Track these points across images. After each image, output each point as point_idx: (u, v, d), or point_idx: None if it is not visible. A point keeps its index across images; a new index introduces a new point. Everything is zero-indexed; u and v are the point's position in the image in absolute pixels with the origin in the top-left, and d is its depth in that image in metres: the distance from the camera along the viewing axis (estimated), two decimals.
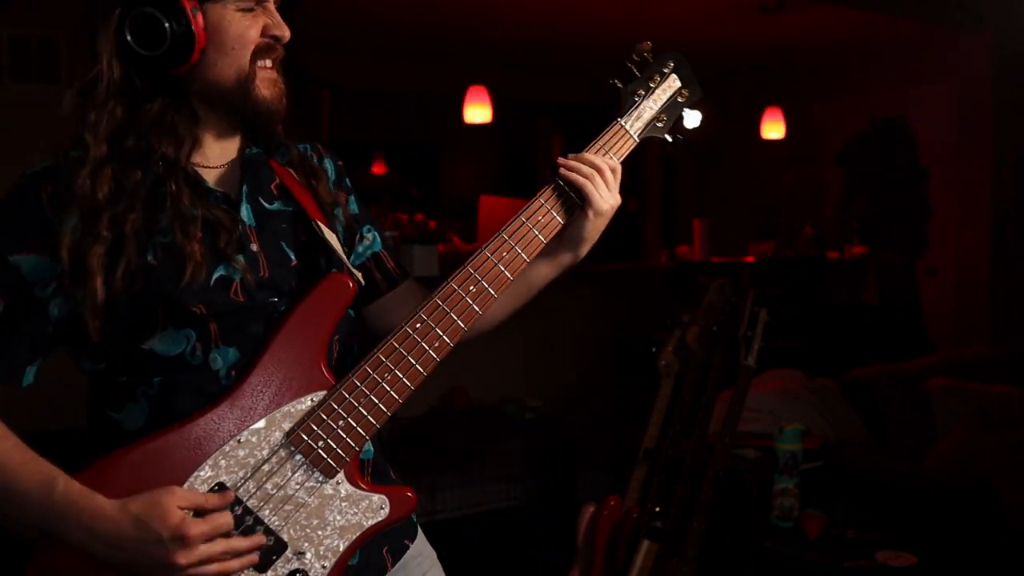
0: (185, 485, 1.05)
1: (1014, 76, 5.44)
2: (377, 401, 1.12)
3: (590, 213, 1.27)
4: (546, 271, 1.35)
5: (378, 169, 8.24)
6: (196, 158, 1.16)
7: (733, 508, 2.66)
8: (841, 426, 3.47)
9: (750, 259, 5.98)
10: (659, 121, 1.37)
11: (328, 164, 1.32)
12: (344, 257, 1.20)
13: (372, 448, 1.26)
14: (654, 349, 2.63)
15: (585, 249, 1.33)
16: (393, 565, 1.27)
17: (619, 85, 1.37)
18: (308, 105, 5.79)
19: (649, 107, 1.35)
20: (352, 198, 1.34)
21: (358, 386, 1.11)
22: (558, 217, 1.26)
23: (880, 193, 6.40)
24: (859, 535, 2.59)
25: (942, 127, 6.10)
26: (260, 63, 1.14)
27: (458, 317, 1.16)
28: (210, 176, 1.17)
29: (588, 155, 1.29)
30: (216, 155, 1.19)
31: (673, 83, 1.38)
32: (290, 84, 1.20)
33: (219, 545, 1.03)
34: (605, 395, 4.64)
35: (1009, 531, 2.85)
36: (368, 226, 1.36)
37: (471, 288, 1.18)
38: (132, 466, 1.05)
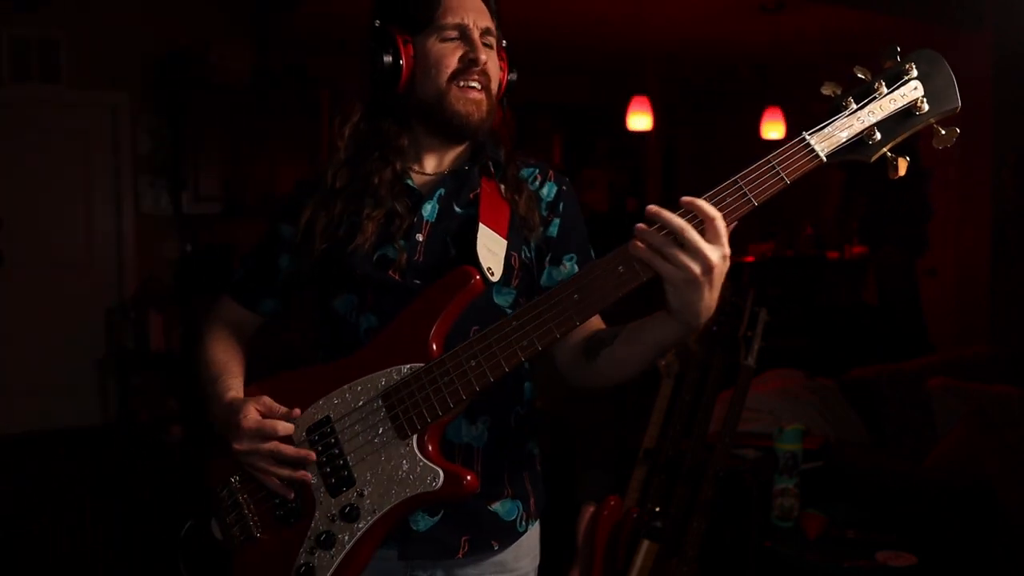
0: (306, 411, 1.29)
1: (1014, 76, 5.44)
2: (457, 382, 1.22)
3: (665, 283, 1.12)
4: (656, 334, 1.22)
5: None
6: (413, 165, 1.42)
7: (733, 508, 2.66)
8: (841, 426, 3.47)
9: (750, 259, 5.98)
10: (871, 138, 1.12)
11: (549, 187, 1.45)
12: (487, 256, 1.32)
13: (483, 438, 1.36)
14: None
15: (690, 319, 1.14)
16: (465, 555, 1.35)
17: (829, 94, 1.16)
18: (308, 105, 5.79)
19: (860, 120, 1.12)
20: (558, 221, 1.43)
21: (445, 365, 1.23)
22: (634, 277, 1.15)
23: (880, 193, 6.41)
24: (859, 535, 2.59)
25: None
26: (457, 84, 1.35)
27: (552, 322, 1.18)
28: (420, 180, 1.41)
29: (664, 219, 1.09)
30: (432, 165, 1.43)
31: (911, 91, 1.12)
32: (509, 114, 1.48)
33: (267, 444, 1.25)
34: (605, 395, 4.64)
35: (1009, 531, 2.85)
36: (572, 255, 1.43)
37: (574, 296, 1.17)
38: (280, 386, 1.34)
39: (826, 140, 1.12)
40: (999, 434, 3.27)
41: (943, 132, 1.13)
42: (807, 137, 1.13)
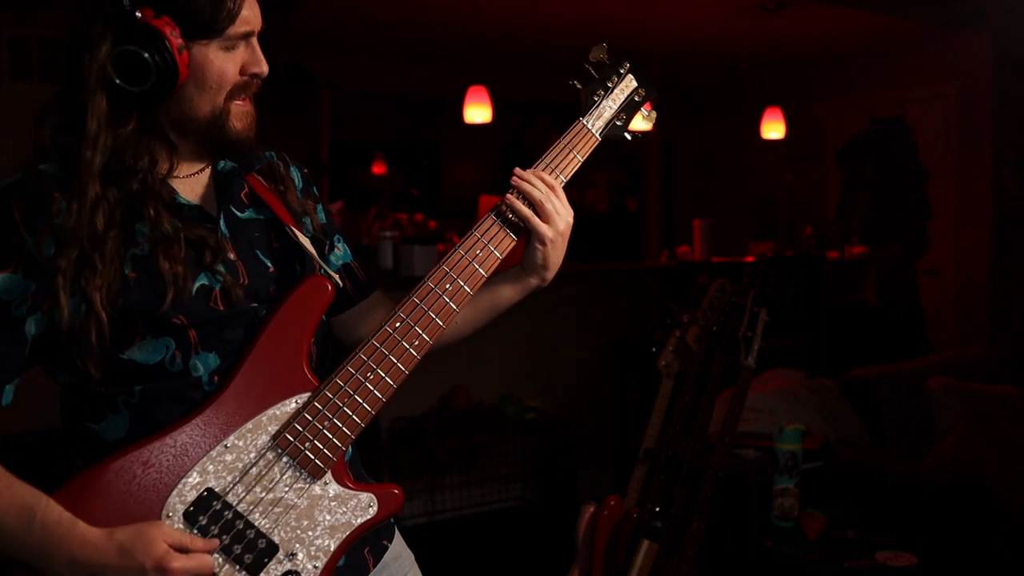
0: (173, 492, 1.06)
1: (1014, 76, 5.44)
2: (361, 401, 1.13)
3: (535, 241, 1.26)
4: (511, 293, 1.35)
5: (378, 169, 8.24)
6: (176, 173, 1.18)
7: (733, 508, 2.66)
8: (841, 426, 3.47)
9: (750, 259, 5.98)
10: (619, 120, 1.38)
11: (295, 172, 1.34)
12: (319, 260, 1.22)
13: (350, 452, 1.26)
14: (654, 349, 2.63)
15: (549, 275, 1.31)
16: (375, 566, 1.27)
17: (578, 86, 1.37)
18: (308, 105, 5.78)
19: (608, 106, 1.37)
20: (320, 207, 1.35)
21: (342, 386, 1.13)
22: (495, 252, 1.24)
23: (880, 193, 6.40)
24: (859, 535, 2.59)
25: (942, 127, 6.10)
26: (235, 99, 1.16)
27: (436, 315, 1.19)
28: (182, 187, 1.18)
29: (531, 181, 1.25)
30: (187, 167, 1.20)
31: (630, 83, 1.40)
32: (262, 110, 1.24)
33: None
34: (605, 395, 4.64)
35: (1009, 531, 2.85)
36: (337, 236, 1.37)
37: (447, 286, 1.20)
38: (116, 478, 1.05)
39: (596, 122, 1.36)
40: (999, 434, 3.27)
41: (646, 114, 1.44)
42: (584, 121, 1.35)
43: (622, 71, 1.39)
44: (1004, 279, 5.71)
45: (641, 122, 1.45)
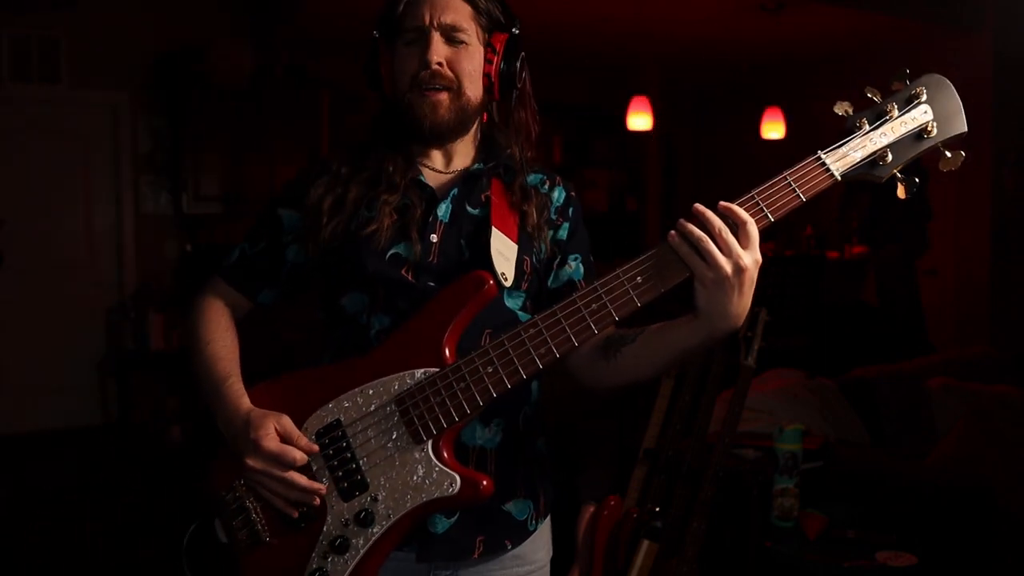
0: (315, 413, 1.28)
1: (1014, 76, 5.44)
2: (473, 388, 1.22)
3: (696, 283, 1.15)
4: (681, 337, 1.23)
5: None
6: (423, 159, 1.41)
7: (733, 508, 2.66)
8: (841, 426, 3.47)
9: None
10: (883, 159, 1.17)
11: (558, 192, 1.45)
12: (500, 261, 1.32)
13: (496, 440, 1.35)
14: None
15: (723, 323, 1.16)
16: (480, 555, 1.35)
17: (841, 114, 1.19)
18: (308, 106, 5.79)
19: (873, 141, 1.17)
20: (567, 225, 1.44)
21: (461, 371, 1.23)
22: (659, 285, 1.17)
23: (880, 193, 6.41)
24: (859, 535, 2.58)
25: None
26: (418, 89, 1.34)
27: (571, 330, 1.20)
28: (432, 178, 1.40)
29: (708, 211, 1.15)
30: (440, 162, 1.42)
31: (921, 114, 1.18)
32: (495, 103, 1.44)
33: (281, 470, 1.23)
34: (603, 397, 4.64)
35: (1009, 531, 2.86)
36: (577, 255, 1.44)
37: (592, 305, 1.20)
38: (287, 387, 1.33)
39: (841, 159, 1.17)
40: (999, 434, 3.27)
41: (949, 156, 1.18)
42: (822, 156, 1.17)
43: (915, 100, 1.19)
44: (1004, 279, 5.71)
45: (939, 166, 1.19)
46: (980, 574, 2.73)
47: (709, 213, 1.16)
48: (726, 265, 1.13)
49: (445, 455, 1.25)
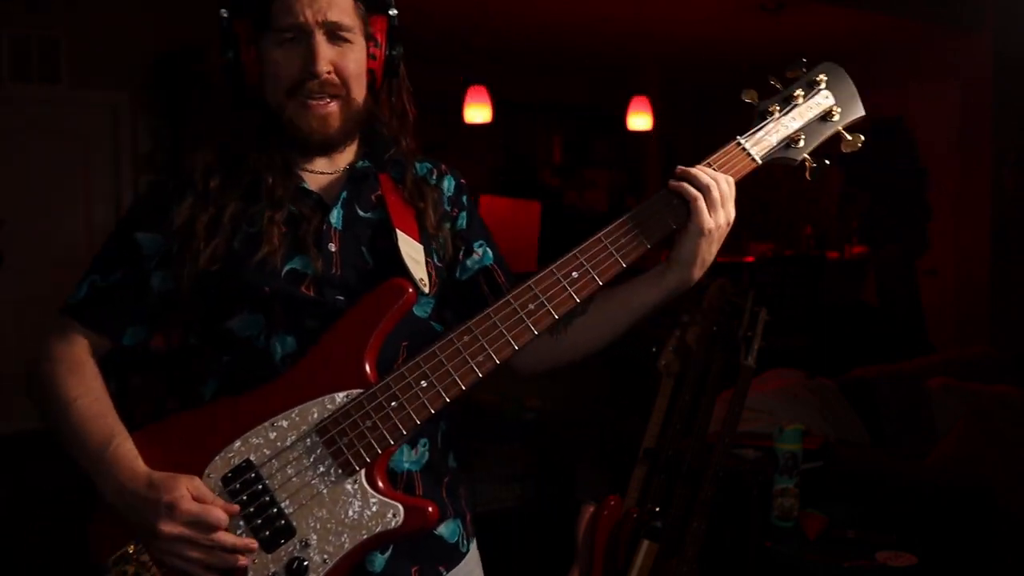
0: (219, 455, 1.12)
1: (1014, 76, 5.44)
2: (407, 407, 1.11)
3: (694, 231, 1.17)
4: (649, 294, 1.25)
5: None
6: (305, 164, 1.26)
7: (733, 508, 2.65)
8: (841, 426, 3.47)
9: (750, 259, 5.98)
10: (796, 142, 1.23)
11: (448, 180, 1.36)
12: (414, 266, 1.21)
13: (426, 458, 1.25)
14: (654, 349, 2.63)
15: (695, 272, 1.21)
16: None
17: (749, 102, 1.24)
18: None
19: (785, 126, 1.22)
20: (464, 213, 1.36)
21: (391, 389, 1.12)
22: (645, 240, 1.17)
23: (880, 193, 6.41)
24: (859, 535, 2.58)
25: (942, 127, 6.10)
26: (296, 97, 1.20)
27: (509, 333, 1.13)
28: (314, 181, 1.25)
29: (699, 168, 1.19)
30: (322, 164, 1.27)
31: (823, 99, 1.24)
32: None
33: (203, 532, 1.08)
34: (605, 395, 4.64)
35: (1009, 531, 2.85)
36: (481, 241, 1.36)
37: (529, 306, 1.14)
38: (180, 431, 1.16)
39: (759, 144, 1.22)
40: (999, 434, 3.27)
41: (849, 138, 1.25)
42: (742, 141, 1.22)
43: (817, 86, 1.24)
44: (1004, 279, 5.71)
45: (841, 148, 1.26)
46: (980, 574, 2.73)
47: (699, 168, 1.20)
48: (723, 216, 1.18)
49: (380, 484, 1.12)
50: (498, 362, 1.13)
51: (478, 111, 5.78)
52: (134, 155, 5.86)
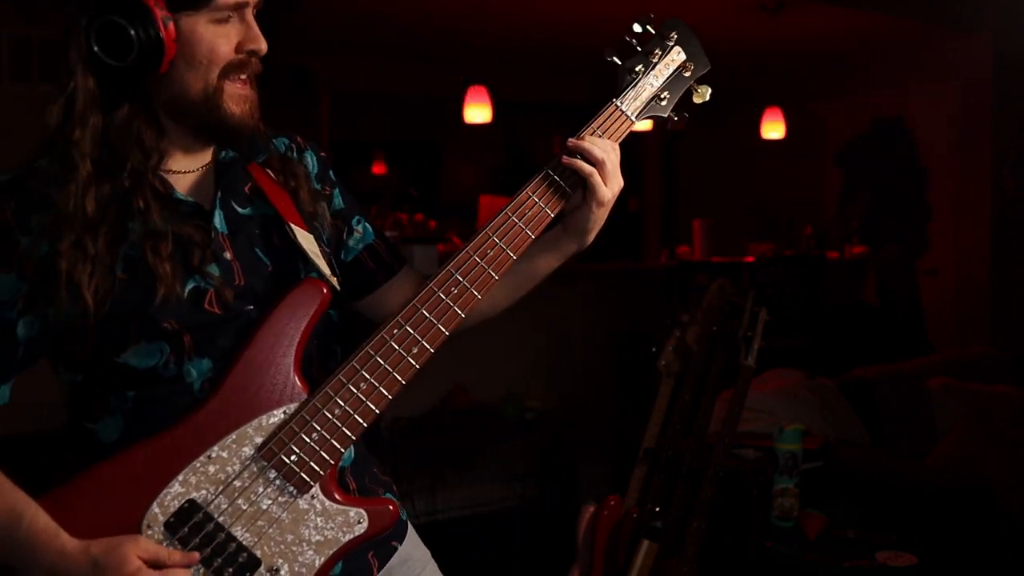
0: (155, 502, 1.03)
1: (1014, 76, 5.44)
2: (352, 412, 1.08)
3: (593, 204, 1.22)
4: (549, 260, 1.31)
5: (378, 169, 8.24)
6: (167, 164, 1.13)
7: (733, 508, 2.65)
8: (841, 426, 3.47)
9: (750, 259, 5.98)
10: (661, 99, 1.28)
11: (309, 157, 1.28)
12: (319, 262, 1.15)
13: (353, 453, 1.22)
14: (654, 349, 2.63)
15: (591, 237, 1.28)
16: (379, 570, 1.22)
17: (617, 61, 1.27)
18: (308, 105, 5.78)
19: (650, 84, 1.26)
20: (337, 191, 1.30)
21: (332, 397, 1.08)
22: (548, 210, 1.21)
23: (880, 193, 6.41)
24: (859, 535, 2.58)
25: (942, 127, 6.10)
26: (231, 78, 1.10)
27: (438, 321, 1.12)
28: (181, 183, 1.14)
29: (590, 142, 1.21)
30: (188, 161, 1.16)
31: (676, 56, 1.28)
32: (260, 93, 1.18)
33: None
34: (605, 395, 4.64)
35: (1009, 531, 2.85)
36: (358, 217, 1.32)
37: (452, 290, 1.13)
38: (100, 486, 1.03)
39: (631, 104, 1.26)
40: (999, 434, 3.27)
41: (699, 90, 1.31)
42: (618, 103, 1.25)
43: (668, 43, 1.28)
44: (1004, 279, 5.70)
45: (693, 100, 1.33)
46: (980, 574, 2.73)
47: (591, 140, 1.21)
48: (616, 185, 1.23)
49: (336, 494, 1.09)
50: (432, 350, 1.12)
51: (478, 111, 5.78)
52: None
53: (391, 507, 1.12)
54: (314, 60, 5.90)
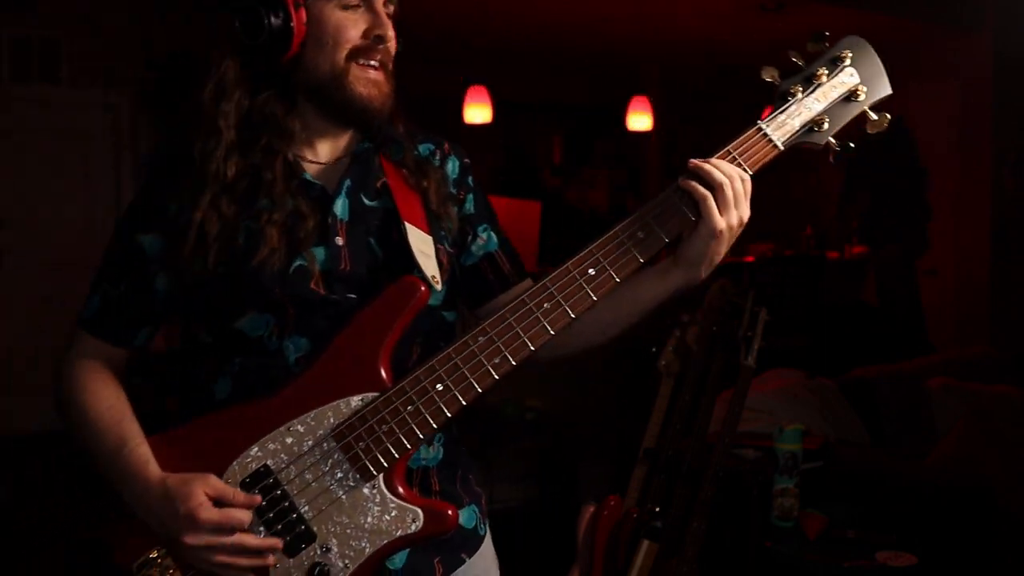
0: (236, 461, 1.11)
1: (1014, 76, 5.44)
2: (424, 411, 1.10)
3: (703, 231, 1.13)
4: (655, 290, 1.21)
5: None
6: (305, 152, 1.22)
7: (733, 508, 2.65)
8: (841, 426, 3.47)
9: (750, 259, 5.98)
10: (820, 125, 1.17)
11: (452, 162, 1.33)
12: (426, 262, 1.19)
13: (441, 454, 1.25)
14: (654, 349, 2.63)
15: (702, 272, 1.17)
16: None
17: (773, 81, 1.18)
18: None
19: (807, 107, 1.15)
20: (471, 196, 1.33)
21: (407, 393, 1.10)
22: (662, 233, 1.13)
23: (880, 193, 6.41)
24: (859, 535, 2.58)
25: (942, 127, 6.10)
26: (358, 62, 1.17)
27: (525, 334, 1.11)
28: (314, 170, 1.21)
29: (713, 164, 1.14)
30: (325, 151, 1.24)
31: (848, 78, 1.16)
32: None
33: (228, 537, 1.07)
34: (605, 395, 4.64)
35: (1009, 531, 2.85)
36: (485, 226, 1.33)
37: (545, 305, 1.11)
38: (197, 435, 1.14)
39: (781, 128, 1.15)
40: (999, 434, 3.27)
41: (875, 118, 1.17)
42: (763, 127, 1.16)
43: (840, 63, 1.17)
44: (1004, 279, 5.71)
45: (866, 129, 1.18)
46: (980, 574, 2.73)
47: (719, 162, 1.14)
48: (734, 216, 1.14)
49: (400, 488, 1.11)
50: (515, 364, 1.11)
51: (478, 111, 5.78)
52: (134, 155, 5.86)
53: (449, 512, 1.12)
54: None
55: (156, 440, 1.15)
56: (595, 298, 1.12)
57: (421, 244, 1.20)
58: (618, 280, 1.13)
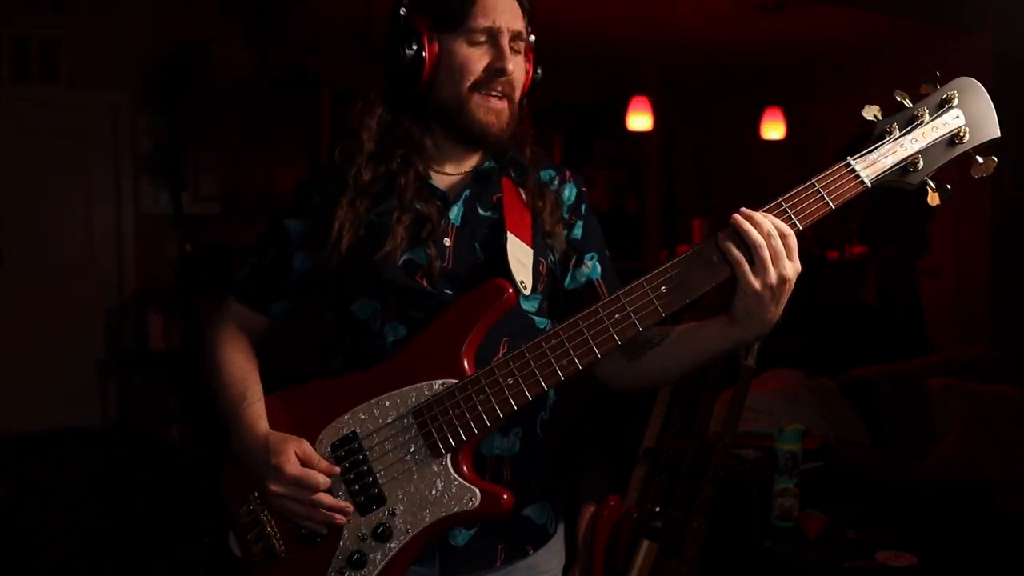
0: (331, 424, 1.27)
1: (1014, 76, 5.43)
2: (493, 401, 1.21)
3: (740, 292, 1.15)
4: (718, 340, 1.24)
5: None
6: (433, 166, 1.38)
7: (733, 508, 2.65)
8: (841, 426, 3.47)
9: None
10: (914, 166, 1.14)
11: (570, 189, 1.44)
12: (519, 269, 1.30)
13: (518, 447, 1.34)
14: None
15: (755, 330, 1.18)
16: (503, 563, 1.33)
17: (873, 118, 1.17)
18: (309, 106, 5.79)
19: (902, 146, 1.13)
20: (581, 223, 1.43)
21: (481, 383, 1.21)
22: (684, 295, 1.16)
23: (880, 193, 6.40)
24: (859, 535, 2.58)
25: None
26: (480, 92, 1.31)
27: (593, 341, 1.19)
28: (442, 181, 1.37)
29: (753, 220, 1.14)
30: (452, 167, 1.39)
31: (952, 119, 1.15)
32: (521, 114, 1.38)
33: (306, 492, 1.23)
34: (605, 395, 4.64)
35: (1009, 531, 2.85)
36: (592, 254, 1.43)
37: (615, 315, 1.18)
38: (304, 398, 1.33)
39: (871, 166, 1.13)
40: (999, 434, 3.27)
41: (981, 162, 1.16)
42: (852, 162, 1.14)
43: (946, 104, 1.17)
44: (1004, 279, 5.71)
45: (970, 171, 1.15)
46: (980, 574, 2.73)
47: (759, 218, 1.14)
48: (773, 275, 1.14)
49: (464, 469, 1.24)
50: (580, 367, 1.19)
51: None
52: (134, 155, 5.86)
53: (504, 497, 1.22)
54: (314, 61, 5.90)
55: (272, 399, 1.34)
56: (664, 314, 1.18)
57: (520, 254, 1.32)
58: (688, 300, 1.17)
